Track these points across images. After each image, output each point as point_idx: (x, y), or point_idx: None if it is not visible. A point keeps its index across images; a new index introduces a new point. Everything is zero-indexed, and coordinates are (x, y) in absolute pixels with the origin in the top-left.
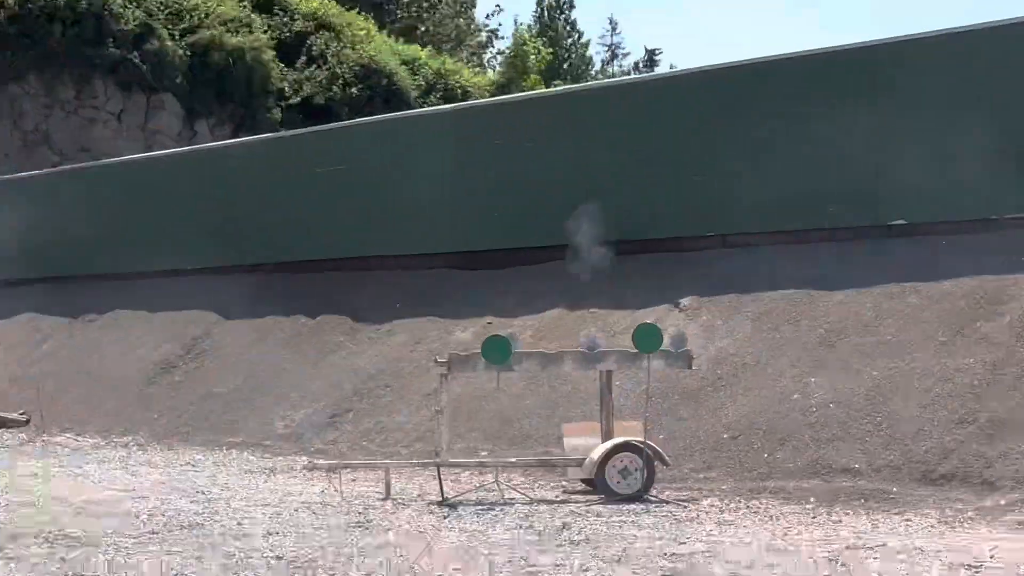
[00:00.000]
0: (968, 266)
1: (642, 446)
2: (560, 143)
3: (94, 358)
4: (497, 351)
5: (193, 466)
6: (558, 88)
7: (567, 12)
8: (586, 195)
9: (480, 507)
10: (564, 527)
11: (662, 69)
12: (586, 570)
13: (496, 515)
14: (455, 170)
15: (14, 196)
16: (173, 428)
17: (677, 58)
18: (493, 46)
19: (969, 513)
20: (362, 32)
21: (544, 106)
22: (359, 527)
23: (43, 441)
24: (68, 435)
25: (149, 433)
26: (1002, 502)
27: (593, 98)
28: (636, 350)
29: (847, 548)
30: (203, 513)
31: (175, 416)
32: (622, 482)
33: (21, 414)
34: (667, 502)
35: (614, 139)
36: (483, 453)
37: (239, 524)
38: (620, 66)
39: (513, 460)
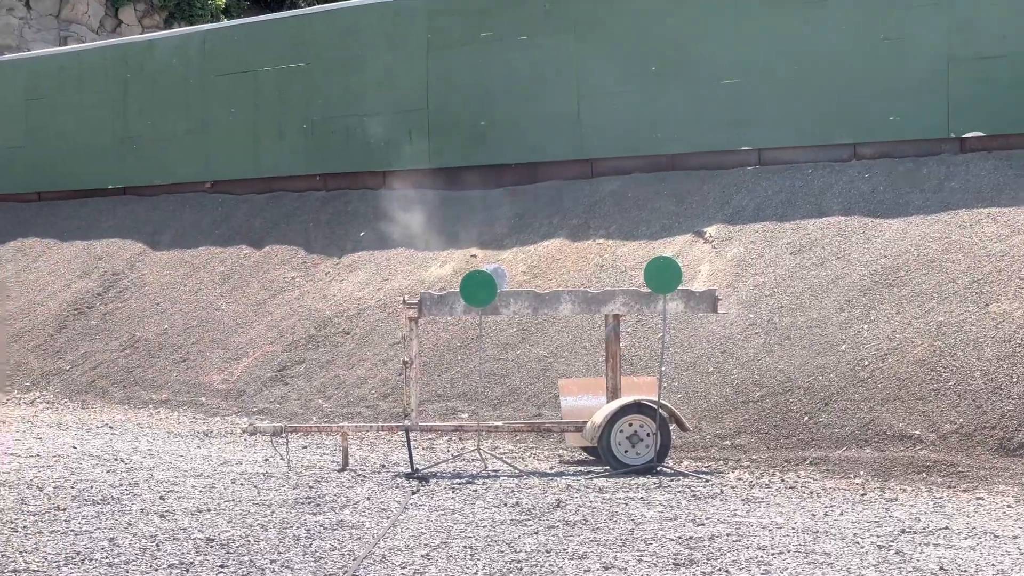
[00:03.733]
0: None
1: (656, 407)
2: (558, 37)
3: None
4: (480, 290)
5: (111, 428)
6: None
7: None
8: (591, 102)
9: (457, 480)
10: (558, 505)
11: None
12: (583, 557)
13: (476, 490)
14: (431, 70)
15: None
16: (88, 382)
17: None
18: None
19: None
20: None
21: None
22: (309, 503)
23: None
24: None
25: (60, 388)
26: None
27: None
28: (649, 290)
29: (903, 532)
30: (120, 485)
31: (91, 368)
32: (631, 450)
33: None
34: (685, 475)
35: (620, 35)
36: (463, 415)
37: (163, 499)
38: None
39: (499, 424)
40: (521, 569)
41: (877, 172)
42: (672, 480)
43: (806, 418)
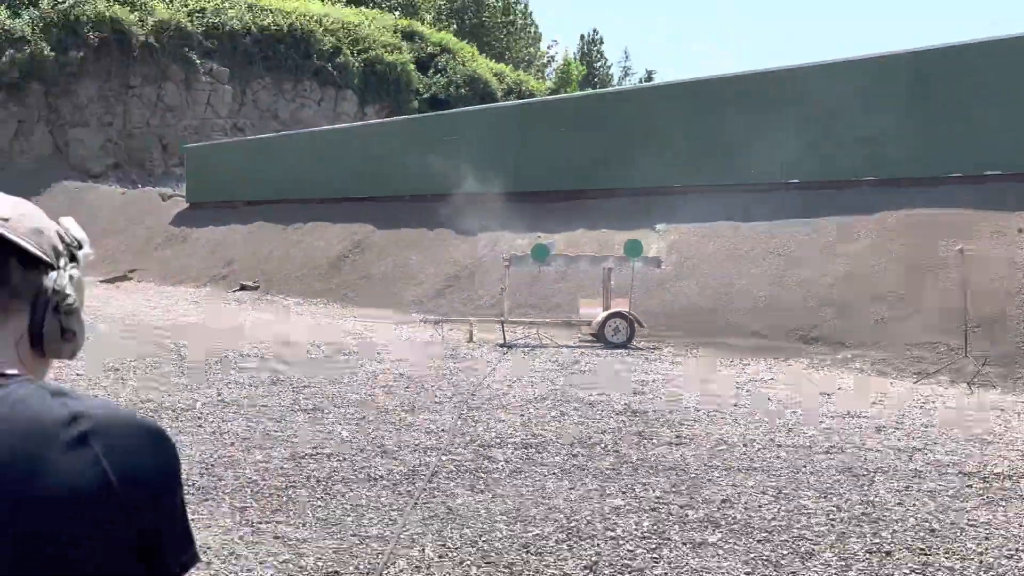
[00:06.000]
0: (836, 208)
1: (628, 314)
2: (592, 131)
3: (298, 250)
4: (540, 253)
5: (355, 319)
6: (589, 92)
7: (598, 45)
8: (602, 162)
9: (526, 348)
10: (576, 362)
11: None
12: (591, 388)
13: (536, 353)
14: (521, 147)
15: (248, 152)
16: (346, 295)
17: (669, 75)
18: (551, 65)
19: (828, 362)
20: (469, 54)
21: (579, 104)
22: (451, 358)
23: (267, 299)
24: (281, 296)
25: (330, 297)
26: (848, 356)
27: (608, 101)
28: (625, 256)
29: (751, 380)
30: (357, 346)
31: (347, 288)
32: (615, 335)
33: (255, 282)
34: (641, 349)
35: (621, 128)
36: (531, 315)
37: (379, 353)
38: (629, 80)
39: (548, 320)
40: (557, 394)
41: (744, 198)
42: (634, 352)
43: (705, 323)
